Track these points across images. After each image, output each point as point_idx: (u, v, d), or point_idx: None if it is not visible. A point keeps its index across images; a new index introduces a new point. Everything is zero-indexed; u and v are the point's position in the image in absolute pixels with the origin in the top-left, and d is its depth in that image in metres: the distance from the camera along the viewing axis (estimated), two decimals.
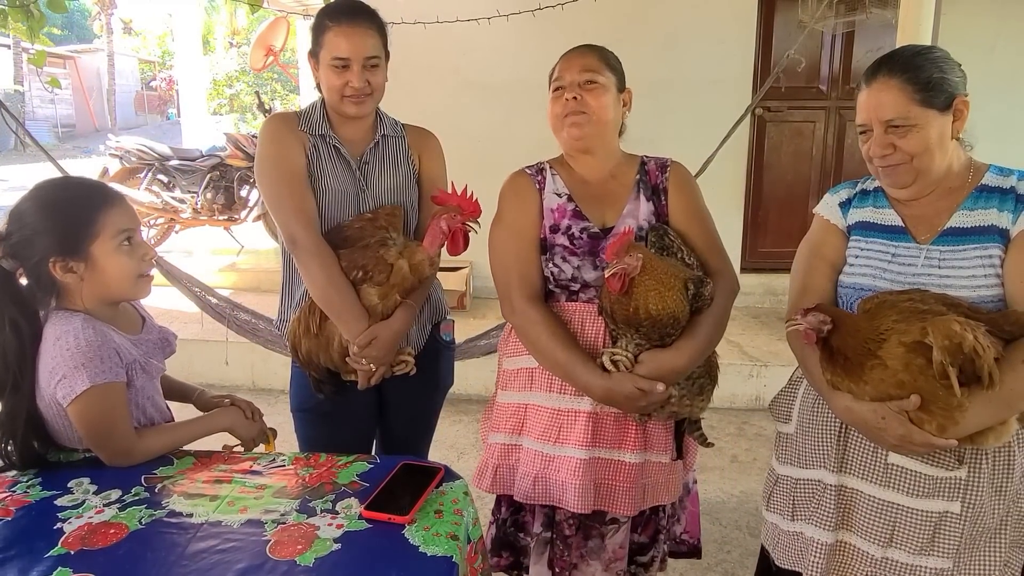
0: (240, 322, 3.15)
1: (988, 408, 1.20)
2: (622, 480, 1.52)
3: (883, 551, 1.34)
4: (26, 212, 1.34)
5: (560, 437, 1.53)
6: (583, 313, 1.55)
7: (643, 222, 1.57)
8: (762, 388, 3.72)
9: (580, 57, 1.58)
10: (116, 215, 1.36)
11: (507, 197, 1.63)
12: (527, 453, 1.57)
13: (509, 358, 1.65)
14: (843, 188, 1.52)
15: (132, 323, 1.48)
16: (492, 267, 1.61)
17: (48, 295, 1.37)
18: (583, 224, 1.56)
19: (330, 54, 1.61)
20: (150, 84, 24.00)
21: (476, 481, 1.63)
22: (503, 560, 1.66)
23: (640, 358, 1.44)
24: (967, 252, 1.32)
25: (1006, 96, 4.33)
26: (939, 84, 1.31)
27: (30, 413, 1.34)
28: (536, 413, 1.57)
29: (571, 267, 1.54)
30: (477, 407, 3.81)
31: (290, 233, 1.61)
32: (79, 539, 1.13)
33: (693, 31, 4.56)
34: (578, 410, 1.52)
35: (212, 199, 5.83)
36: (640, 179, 1.61)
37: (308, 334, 1.63)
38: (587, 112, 1.54)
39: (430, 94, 4.49)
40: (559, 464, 1.52)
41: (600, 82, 1.55)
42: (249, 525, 1.17)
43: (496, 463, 1.62)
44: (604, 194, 1.60)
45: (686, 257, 1.52)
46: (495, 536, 1.66)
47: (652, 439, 1.55)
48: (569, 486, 1.50)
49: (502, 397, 1.65)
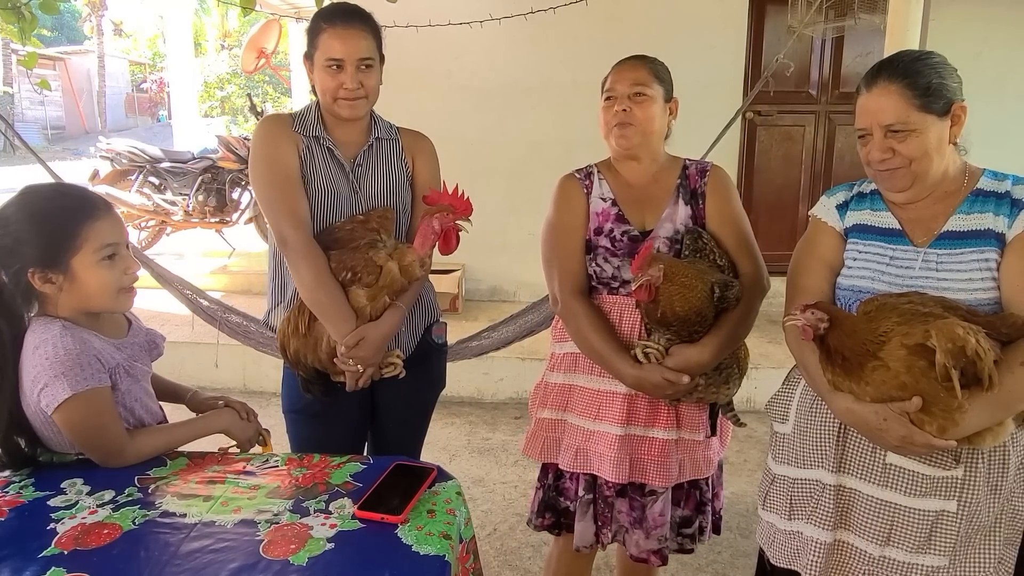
0: (232, 324, 3.14)
1: (987, 409, 1.22)
2: (655, 455, 1.67)
3: (881, 550, 1.35)
4: (10, 218, 1.32)
5: (599, 415, 1.69)
6: (621, 307, 1.69)
7: (680, 225, 1.68)
8: (753, 390, 3.74)
9: (631, 70, 1.67)
10: (101, 229, 1.34)
11: (557, 199, 1.75)
12: (571, 428, 1.73)
13: (558, 343, 1.80)
14: (840, 190, 1.53)
15: (117, 327, 1.47)
16: (543, 263, 1.76)
17: (28, 302, 1.36)
18: (624, 227, 1.68)
19: (324, 55, 1.62)
20: (141, 86, 23.88)
21: (526, 450, 1.82)
22: (546, 520, 1.82)
23: (670, 351, 1.58)
24: (964, 255, 1.34)
25: (993, 102, 4.38)
26: (938, 90, 1.33)
27: (12, 414, 1.33)
28: (580, 393, 1.73)
29: (612, 267, 1.68)
30: (469, 409, 3.82)
31: (281, 234, 1.62)
32: (72, 539, 1.13)
33: (684, 35, 4.59)
34: (615, 391, 1.67)
35: (203, 201, 5.82)
36: (681, 183, 1.72)
37: (297, 334, 1.64)
38: (634, 123, 1.65)
39: (422, 97, 4.50)
40: (598, 438, 1.68)
41: (648, 94, 1.65)
42: (242, 525, 1.18)
43: (544, 435, 1.78)
44: (645, 198, 1.71)
45: (718, 259, 1.64)
46: (540, 499, 1.82)
47: (685, 418, 1.70)
48: (606, 458, 1.66)
49: (550, 377, 1.81)
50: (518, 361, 3.87)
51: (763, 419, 2.27)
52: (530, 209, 2.96)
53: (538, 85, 4.72)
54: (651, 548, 1.71)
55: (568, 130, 4.21)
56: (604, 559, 2.32)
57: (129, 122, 22.30)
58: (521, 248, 3.92)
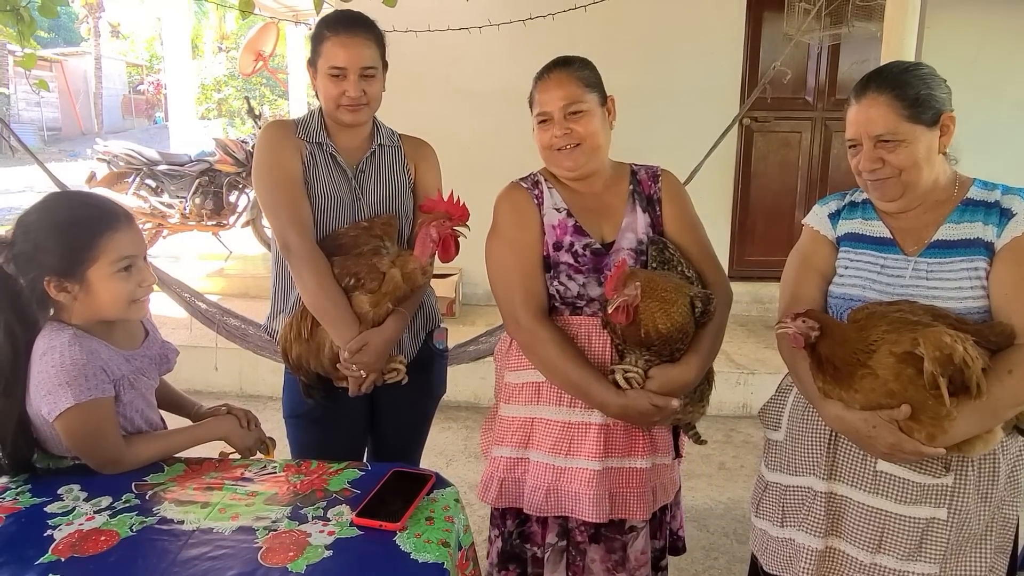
0: (229, 328, 3.13)
1: (975, 417, 1.23)
2: (635, 486, 1.53)
3: (872, 557, 1.36)
4: (31, 224, 1.33)
5: (571, 450, 1.53)
6: (589, 327, 1.54)
7: (642, 235, 1.57)
8: (749, 396, 3.75)
9: (558, 87, 1.52)
10: (120, 241, 1.35)
11: (505, 211, 1.59)
12: (536, 466, 1.56)
13: (513, 371, 1.62)
14: (832, 200, 1.55)
15: (131, 337, 1.48)
16: (492, 283, 1.58)
17: (43, 308, 1.36)
18: (585, 240, 1.55)
19: (328, 63, 1.63)
20: (137, 88, 23.85)
21: (481, 495, 1.62)
22: (510, 573, 1.64)
23: (650, 373, 1.46)
24: (954, 264, 1.35)
25: (987, 110, 4.40)
26: (927, 100, 1.34)
27: (21, 419, 1.34)
28: (545, 427, 1.55)
29: (576, 284, 1.54)
30: (466, 414, 3.81)
31: (284, 239, 1.62)
32: (69, 546, 1.13)
33: (682, 42, 4.61)
34: (589, 423, 1.52)
35: (201, 204, 5.81)
36: (634, 190, 1.61)
37: (299, 339, 1.64)
38: (580, 141, 1.52)
39: (420, 102, 4.50)
40: (571, 475, 1.52)
41: (584, 108, 1.52)
42: (240, 532, 1.18)
43: (502, 476, 1.59)
44: (601, 207, 1.59)
45: (685, 270, 1.53)
46: (501, 549, 1.64)
47: (657, 443, 1.57)
48: (584, 497, 1.50)
49: (505, 411, 1.63)
50: None
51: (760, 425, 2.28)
52: None
53: None
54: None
55: None
56: None
57: (125, 124, 22.26)
58: None
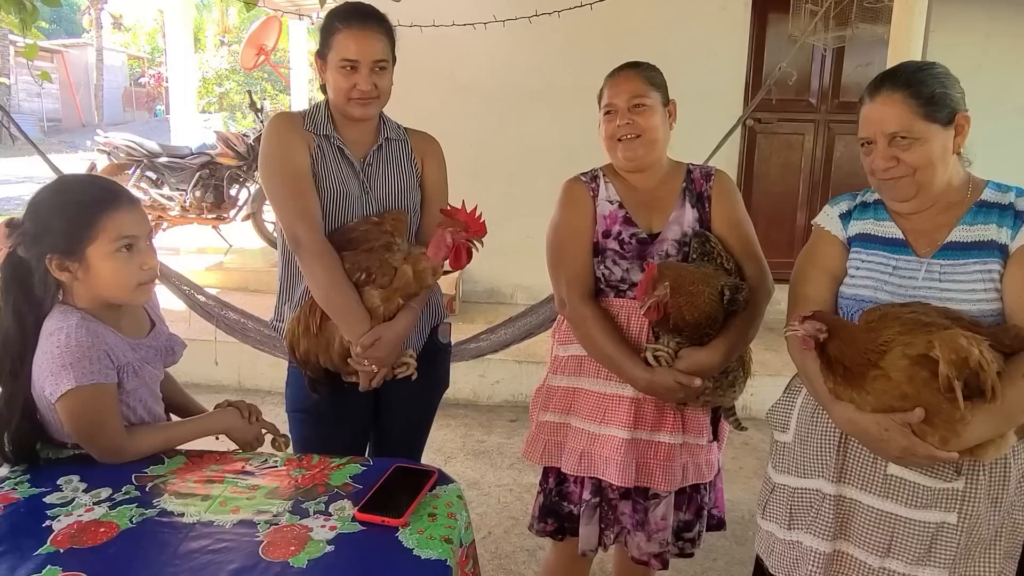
0: (229, 321, 3.13)
1: (989, 421, 1.22)
2: (660, 459, 1.67)
3: (881, 561, 1.35)
4: (40, 205, 1.34)
5: (605, 418, 1.68)
6: (629, 310, 1.68)
7: (687, 228, 1.69)
8: (749, 398, 3.71)
9: (626, 82, 1.67)
10: (120, 220, 1.35)
11: (563, 203, 1.74)
12: (575, 431, 1.72)
13: (561, 345, 1.79)
14: (843, 200, 1.54)
15: (138, 326, 1.48)
16: (549, 265, 1.74)
17: (50, 289, 1.36)
18: (632, 230, 1.68)
19: (339, 56, 1.62)
20: (139, 80, 23.80)
21: (526, 454, 1.81)
22: (548, 526, 1.80)
23: (680, 354, 1.59)
24: (967, 267, 1.34)
25: (992, 113, 4.38)
26: (942, 99, 1.33)
27: (26, 403, 1.33)
28: (584, 396, 1.72)
29: (620, 269, 1.68)
30: (465, 411, 3.81)
31: (294, 233, 1.60)
32: (69, 537, 1.12)
33: (686, 43, 4.60)
34: (622, 395, 1.67)
35: (201, 197, 5.79)
36: (686, 187, 1.73)
37: (308, 334, 1.62)
38: (640, 135, 1.65)
39: (424, 98, 4.48)
40: (603, 442, 1.67)
41: (648, 104, 1.65)
42: (241, 526, 1.17)
43: (546, 439, 1.77)
44: (652, 201, 1.72)
45: (725, 262, 1.65)
46: (542, 504, 1.80)
47: (690, 423, 1.70)
48: (612, 462, 1.65)
49: (553, 380, 1.79)
50: (514, 364, 3.87)
51: (759, 426, 2.27)
52: (529, 212, 2.96)
53: (540, 88, 4.71)
54: (652, 551, 1.72)
55: (568, 134, 4.20)
56: (599, 564, 2.31)
57: (126, 116, 22.22)
58: (519, 250, 3.91)
